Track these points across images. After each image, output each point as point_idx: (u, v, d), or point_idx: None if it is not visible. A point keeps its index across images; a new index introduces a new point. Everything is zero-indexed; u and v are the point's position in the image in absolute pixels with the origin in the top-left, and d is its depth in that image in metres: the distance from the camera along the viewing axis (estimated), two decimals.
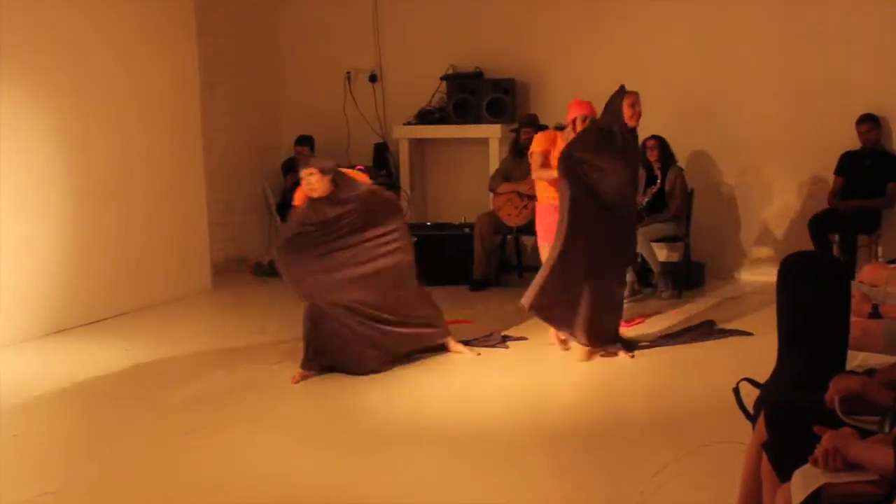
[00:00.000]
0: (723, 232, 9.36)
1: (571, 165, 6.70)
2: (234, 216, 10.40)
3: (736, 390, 3.93)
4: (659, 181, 8.73)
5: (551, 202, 7.09)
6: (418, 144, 10.32)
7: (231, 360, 7.19)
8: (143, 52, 8.93)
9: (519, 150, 9.25)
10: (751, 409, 3.88)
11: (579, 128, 6.93)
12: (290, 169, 10.29)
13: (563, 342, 7.08)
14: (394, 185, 10.19)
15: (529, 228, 9.21)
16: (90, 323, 8.37)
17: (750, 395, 3.91)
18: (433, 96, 10.17)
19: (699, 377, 6.45)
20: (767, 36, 9.11)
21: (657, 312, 8.11)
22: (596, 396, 6.23)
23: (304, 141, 10.23)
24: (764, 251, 9.15)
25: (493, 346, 7.31)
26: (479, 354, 7.05)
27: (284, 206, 10.43)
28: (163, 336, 7.93)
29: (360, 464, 5.23)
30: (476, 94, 9.83)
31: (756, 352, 6.16)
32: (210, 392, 6.48)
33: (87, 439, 5.84)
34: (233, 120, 10.31)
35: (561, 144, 6.98)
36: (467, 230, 9.48)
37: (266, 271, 10.15)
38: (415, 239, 7.14)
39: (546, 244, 7.09)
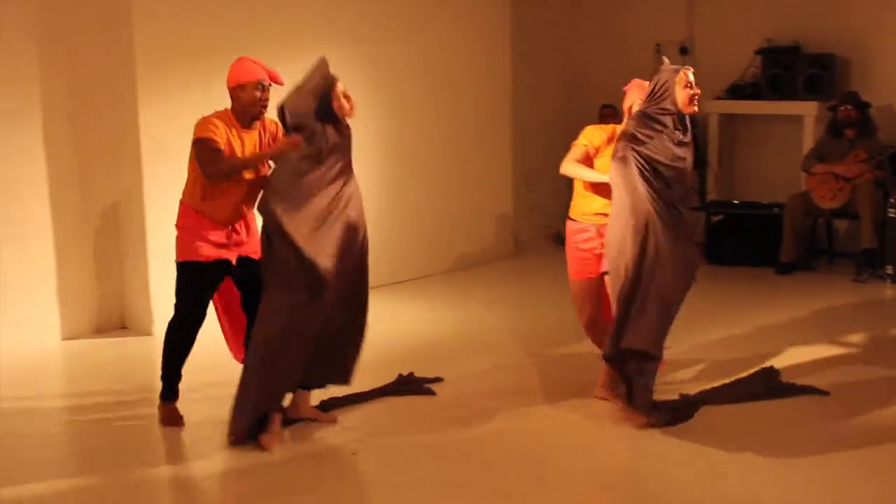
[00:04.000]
0: None
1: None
2: (538, 185, 10.51)
3: None
4: None
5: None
6: (728, 119, 10.03)
7: (528, 332, 7.29)
8: (456, 21, 9.15)
9: (836, 129, 8.86)
10: None
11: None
12: None
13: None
14: (701, 161, 9.97)
15: (843, 212, 8.83)
16: (397, 282, 8.73)
17: None
18: (746, 70, 9.84)
19: None
20: None
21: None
22: None
23: (610, 106, 10.23)
24: None
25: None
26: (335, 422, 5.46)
27: None
28: (464, 300, 8.14)
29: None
30: (792, 70, 9.43)
31: None
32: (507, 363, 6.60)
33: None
34: (540, 90, 10.39)
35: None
36: (776, 210, 9.15)
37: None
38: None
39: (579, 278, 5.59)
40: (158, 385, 5.50)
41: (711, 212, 9.43)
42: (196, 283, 5.30)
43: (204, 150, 5.10)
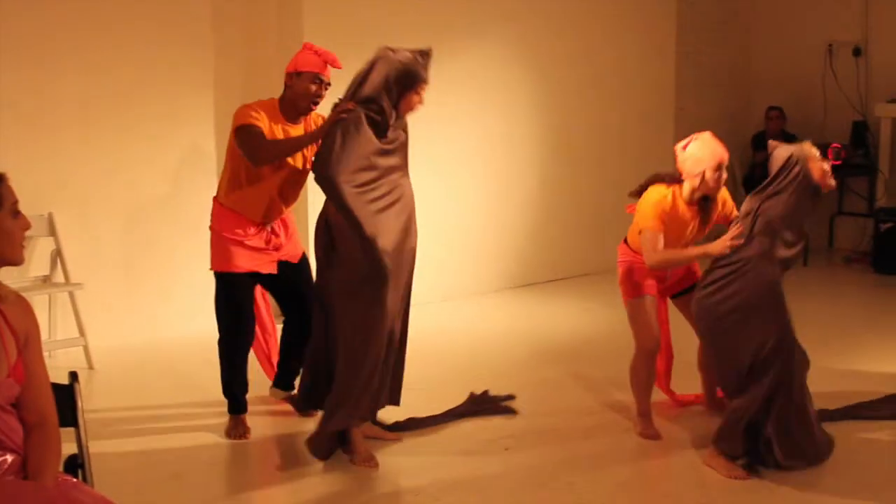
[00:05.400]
0: None
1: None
2: None
3: None
4: None
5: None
6: None
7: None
8: (621, 19, 9.10)
9: None
10: None
11: (712, 182, 4.85)
12: (760, 143, 10.07)
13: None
14: (871, 166, 9.65)
15: None
16: (554, 280, 8.75)
17: None
18: None
19: None
20: None
21: None
22: None
23: (777, 108, 10.03)
24: None
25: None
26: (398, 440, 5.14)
27: (751, 180, 10.24)
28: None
29: None
30: None
31: None
32: None
33: (543, 392, 6.10)
34: (704, 90, 10.23)
35: (683, 207, 4.91)
36: None
37: None
38: None
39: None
40: None
41: (880, 219, 9.12)
42: (234, 295, 5.06)
43: (249, 136, 4.77)
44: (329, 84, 4.98)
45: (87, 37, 6.70)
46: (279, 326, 5.51)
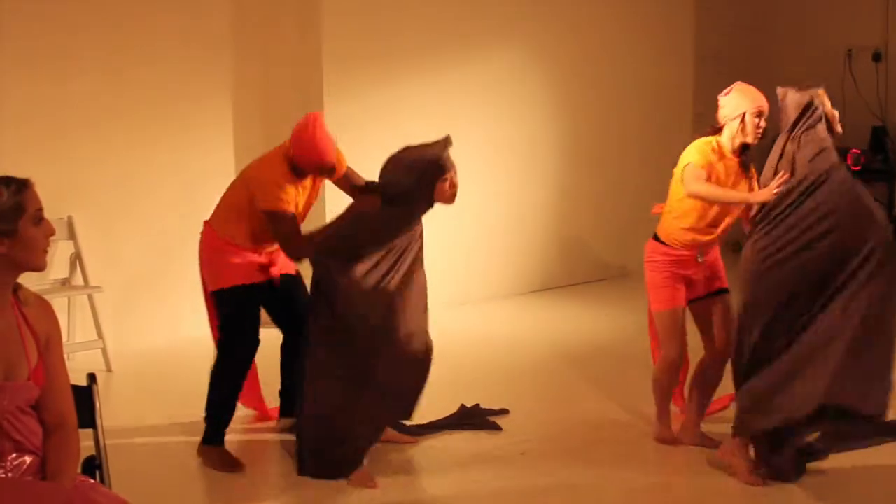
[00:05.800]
0: None
1: None
2: None
3: None
4: None
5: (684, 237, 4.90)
6: None
7: None
8: (639, 23, 9.10)
9: None
10: None
11: (751, 127, 4.84)
12: None
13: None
14: (891, 172, 9.61)
15: None
16: (570, 285, 8.74)
17: None
18: None
19: None
20: None
21: None
22: None
23: None
24: None
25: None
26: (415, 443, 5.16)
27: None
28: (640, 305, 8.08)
29: None
30: None
31: None
32: None
33: (558, 397, 6.09)
34: None
35: (727, 153, 4.88)
36: None
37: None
38: None
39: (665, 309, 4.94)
40: None
41: None
42: (243, 308, 4.89)
43: (283, 225, 4.71)
44: (338, 157, 4.87)
45: (105, 40, 6.75)
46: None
